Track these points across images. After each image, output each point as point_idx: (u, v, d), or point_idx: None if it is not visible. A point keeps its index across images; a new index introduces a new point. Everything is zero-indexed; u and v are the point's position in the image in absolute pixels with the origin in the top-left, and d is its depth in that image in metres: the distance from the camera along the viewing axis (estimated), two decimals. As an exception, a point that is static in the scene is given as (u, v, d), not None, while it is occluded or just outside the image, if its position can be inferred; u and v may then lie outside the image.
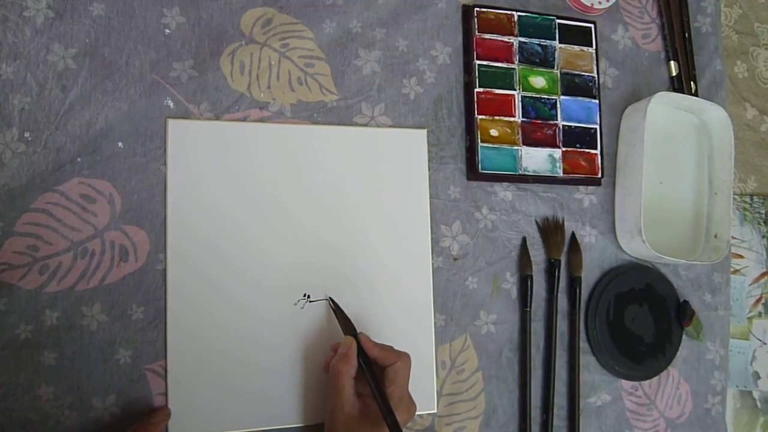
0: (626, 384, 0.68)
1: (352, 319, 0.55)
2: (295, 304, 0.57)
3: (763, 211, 0.82)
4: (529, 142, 0.65)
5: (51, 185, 0.53)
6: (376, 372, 0.52)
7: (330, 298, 0.57)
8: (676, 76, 0.74)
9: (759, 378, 0.78)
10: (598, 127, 0.68)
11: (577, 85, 0.68)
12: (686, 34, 0.75)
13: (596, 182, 0.69)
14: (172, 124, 0.56)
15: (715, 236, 0.71)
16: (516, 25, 0.67)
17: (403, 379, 0.52)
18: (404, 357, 0.53)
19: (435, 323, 0.61)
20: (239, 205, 0.57)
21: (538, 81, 0.67)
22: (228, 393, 0.55)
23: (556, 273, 0.65)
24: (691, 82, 0.74)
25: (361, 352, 0.52)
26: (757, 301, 0.80)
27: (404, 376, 0.52)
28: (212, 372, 0.54)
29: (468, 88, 0.66)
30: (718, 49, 0.77)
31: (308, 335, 0.57)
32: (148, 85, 0.56)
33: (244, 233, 0.57)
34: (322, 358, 0.56)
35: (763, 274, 0.80)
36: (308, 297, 0.58)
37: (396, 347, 0.54)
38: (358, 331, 0.54)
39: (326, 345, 0.57)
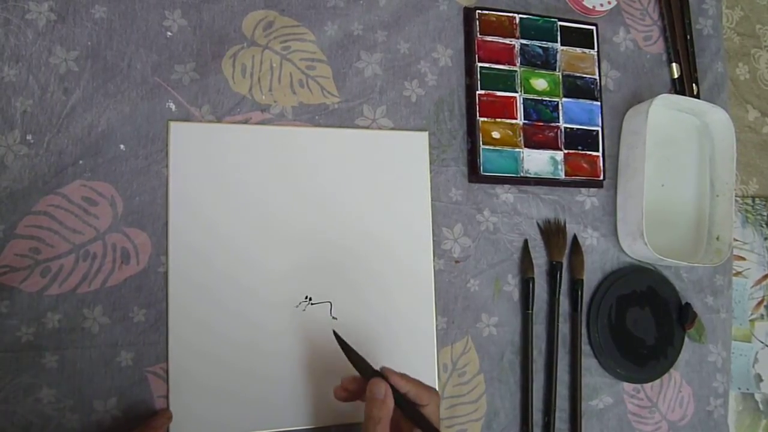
0: (628, 387, 0.67)
1: (355, 327, 0.54)
2: (297, 306, 0.57)
3: (765, 213, 0.82)
4: (530, 144, 0.65)
5: (53, 188, 0.53)
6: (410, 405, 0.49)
7: (334, 331, 0.51)
8: (677, 78, 0.73)
9: (761, 380, 0.78)
10: (599, 129, 0.68)
11: (578, 88, 0.68)
12: (688, 36, 0.74)
13: (598, 184, 0.69)
14: (173, 126, 0.56)
15: (717, 238, 0.70)
16: (517, 28, 0.67)
17: (436, 422, 0.50)
18: (435, 397, 0.50)
19: (436, 326, 0.61)
20: (240, 207, 0.57)
21: (540, 83, 0.67)
22: (229, 395, 0.55)
23: (558, 275, 0.65)
24: (693, 84, 0.74)
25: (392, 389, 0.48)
26: (759, 303, 0.80)
27: (437, 418, 0.50)
28: (214, 374, 0.54)
29: (469, 90, 0.66)
30: (719, 51, 0.77)
31: (310, 338, 0.57)
32: (150, 88, 0.56)
33: (246, 236, 0.57)
34: (324, 361, 0.56)
35: (765, 277, 0.80)
36: (310, 299, 0.58)
37: (397, 350, 0.53)
38: (371, 364, 0.50)
39: (327, 348, 0.56)
